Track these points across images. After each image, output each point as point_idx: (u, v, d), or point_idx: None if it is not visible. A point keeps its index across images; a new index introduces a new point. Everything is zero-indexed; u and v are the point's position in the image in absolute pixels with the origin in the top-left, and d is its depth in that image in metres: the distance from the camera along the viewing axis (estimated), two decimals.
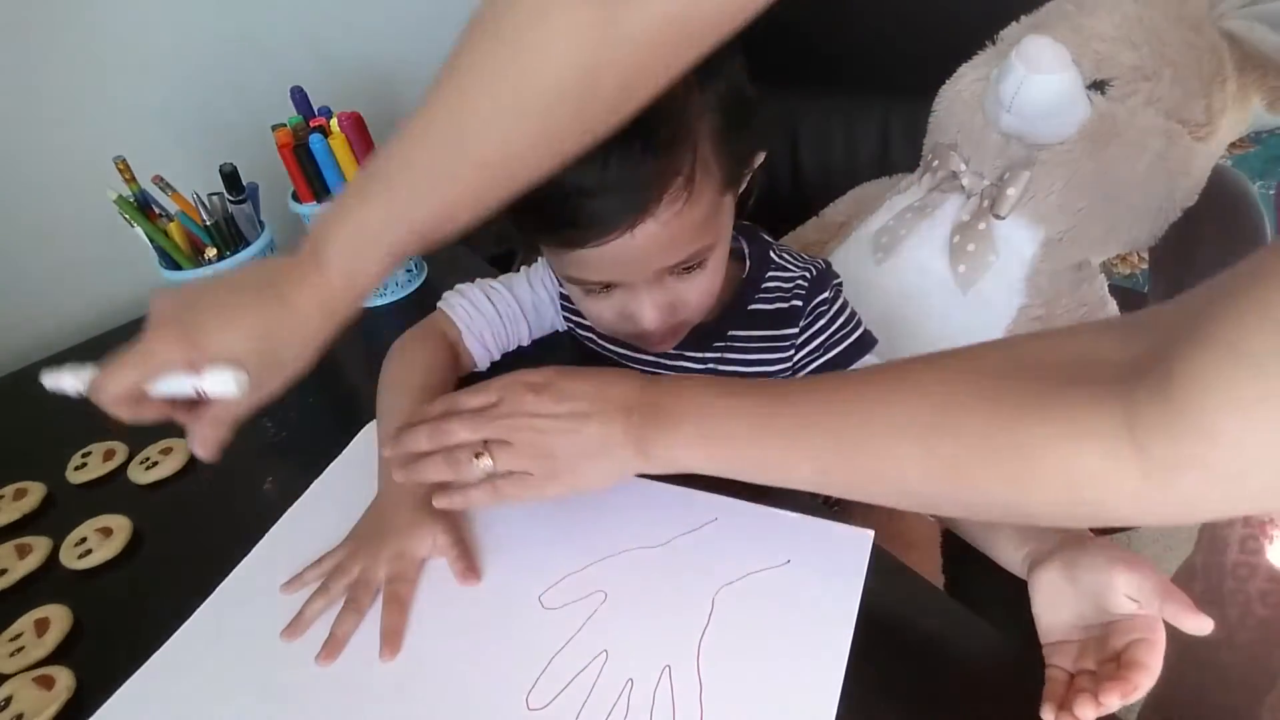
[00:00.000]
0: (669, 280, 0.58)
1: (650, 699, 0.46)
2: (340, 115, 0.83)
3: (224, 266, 0.76)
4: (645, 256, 0.55)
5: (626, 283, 0.58)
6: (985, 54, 0.98)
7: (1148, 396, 0.32)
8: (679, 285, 0.59)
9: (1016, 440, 0.37)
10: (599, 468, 0.51)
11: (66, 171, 0.90)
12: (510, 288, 0.75)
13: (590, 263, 0.55)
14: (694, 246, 0.56)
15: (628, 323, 0.61)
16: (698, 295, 0.61)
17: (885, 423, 0.42)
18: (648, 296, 0.58)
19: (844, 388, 0.46)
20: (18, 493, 0.69)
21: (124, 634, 0.56)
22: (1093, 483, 0.35)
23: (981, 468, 0.38)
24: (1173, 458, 0.32)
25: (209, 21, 0.97)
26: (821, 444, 0.44)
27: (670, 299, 0.59)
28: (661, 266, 0.56)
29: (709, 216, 0.56)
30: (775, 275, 0.69)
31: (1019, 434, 0.37)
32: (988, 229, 0.91)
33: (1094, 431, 0.34)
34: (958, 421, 0.39)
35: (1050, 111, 0.86)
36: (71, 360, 0.49)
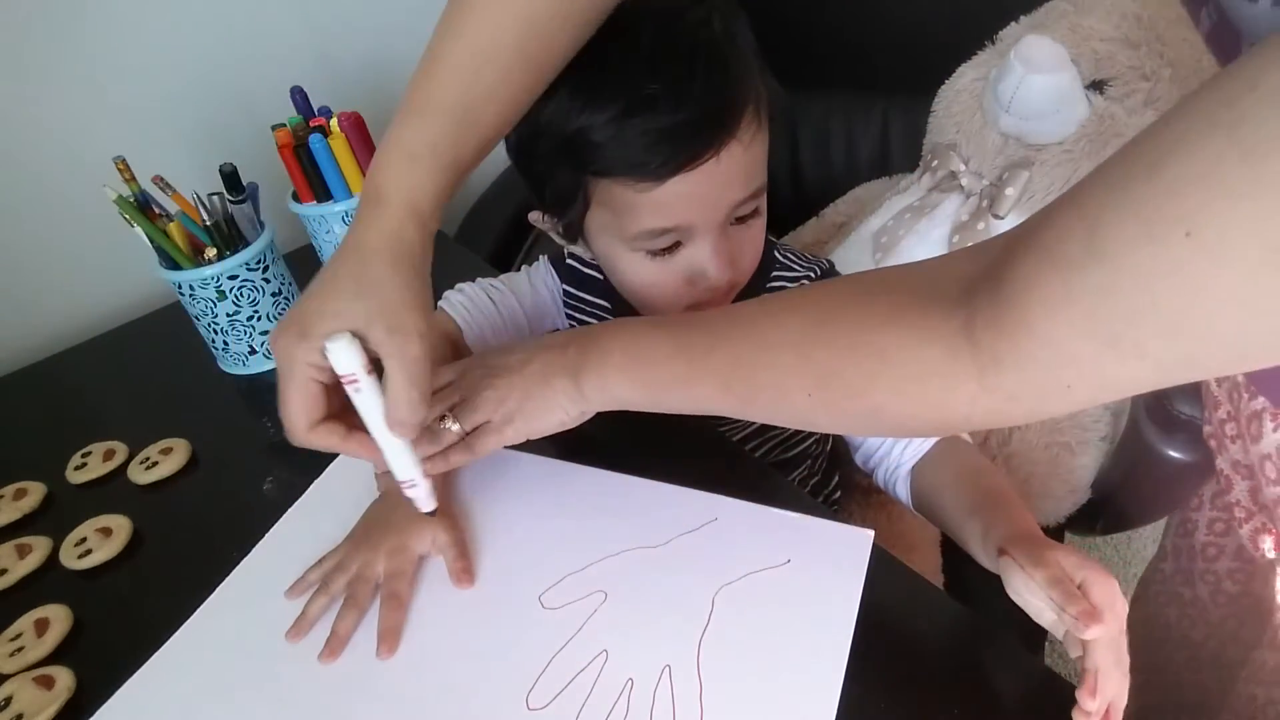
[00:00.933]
0: (731, 230, 0.60)
1: (650, 699, 0.46)
2: (340, 115, 0.83)
3: (223, 266, 0.75)
4: (725, 185, 0.57)
5: (698, 229, 0.58)
6: (985, 54, 0.98)
7: (984, 301, 0.35)
8: (739, 235, 0.61)
9: (877, 345, 0.40)
10: (544, 402, 0.53)
11: (66, 171, 0.90)
12: (511, 287, 0.75)
13: (666, 205, 0.56)
14: (759, 180, 0.59)
15: (691, 285, 0.61)
16: (753, 248, 0.63)
17: (772, 338, 0.45)
18: (714, 246, 0.59)
19: (745, 310, 0.49)
20: (18, 493, 0.69)
21: (124, 634, 0.56)
22: (938, 381, 0.38)
23: (849, 373, 0.42)
24: (1000, 352, 0.35)
25: (209, 22, 0.97)
26: (722, 360, 0.47)
27: (731, 252, 0.60)
28: (736, 200, 0.58)
29: (766, 151, 0.58)
30: (780, 275, 0.69)
31: (878, 339, 0.40)
32: (987, 229, 0.91)
33: (939, 332, 0.37)
34: (830, 332, 0.42)
35: (1049, 111, 0.86)
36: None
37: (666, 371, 0.50)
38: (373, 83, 1.07)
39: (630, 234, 0.59)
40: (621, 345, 0.52)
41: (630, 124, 0.54)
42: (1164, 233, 0.27)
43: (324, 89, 0.92)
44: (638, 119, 0.54)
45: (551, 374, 0.53)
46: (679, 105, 0.53)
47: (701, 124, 0.54)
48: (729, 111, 0.55)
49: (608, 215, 0.59)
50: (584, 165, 0.57)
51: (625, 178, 0.56)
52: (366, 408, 0.47)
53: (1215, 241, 0.26)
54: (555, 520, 0.58)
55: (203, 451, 0.73)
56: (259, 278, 0.79)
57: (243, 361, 0.82)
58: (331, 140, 0.81)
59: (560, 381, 0.52)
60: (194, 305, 0.78)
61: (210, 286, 0.76)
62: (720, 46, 0.55)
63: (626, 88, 0.54)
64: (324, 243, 0.87)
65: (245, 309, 0.79)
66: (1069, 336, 0.32)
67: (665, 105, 0.53)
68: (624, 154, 0.55)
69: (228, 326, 0.79)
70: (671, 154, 0.54)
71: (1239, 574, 0.68)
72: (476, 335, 0.72)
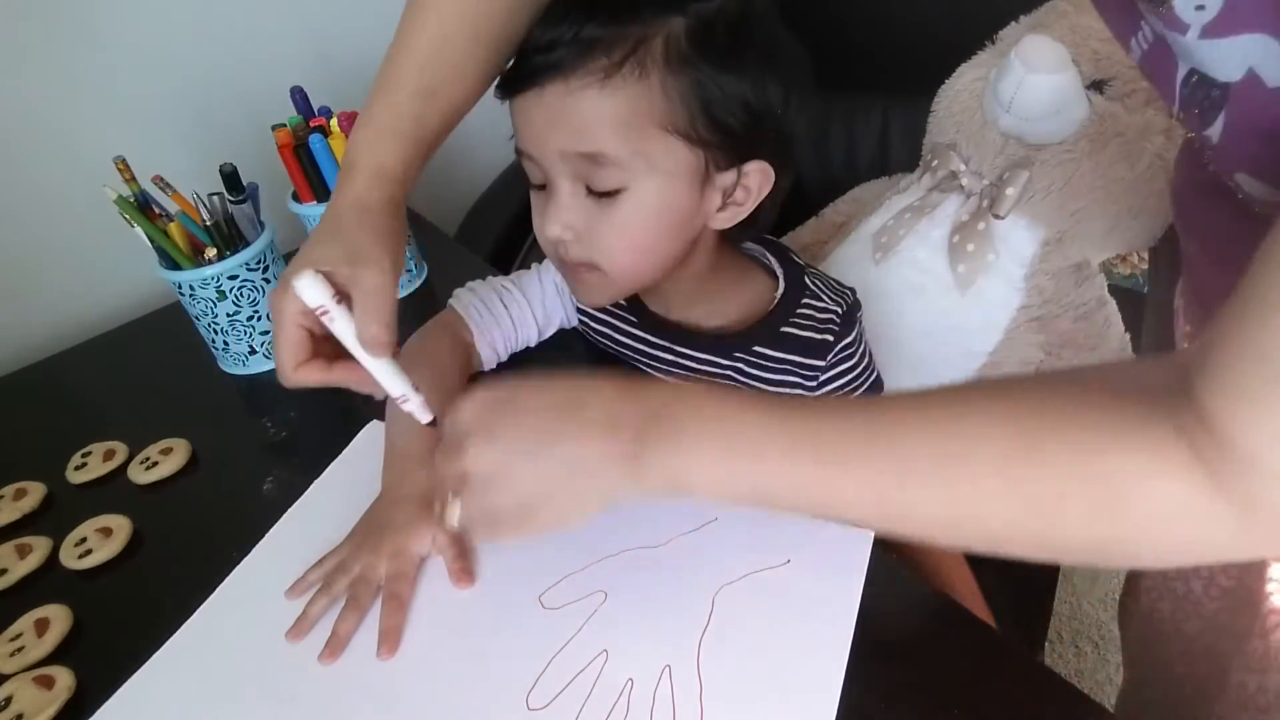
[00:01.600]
0: (586, 199, 0.57)
1: (650, 699, 0.46)
2: (340, 115, 0.83)
3: (223, 266, 0.76)
4: (547, 124, 0.55)
5: (546, 172, 0.57)
6: (985, 54, 0.98)
7: (1199, 431, 0.31)
8: (595, 208, 0.57)
9: (1106, 472, 0.33)
10: (579, 496, 0.44)
11: (66, 171, 0.90)
12: (521, 288, 0.74)
13: (519, 122, 0.57)
14: (600, 145, 0.54)
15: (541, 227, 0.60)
16: (610, 236, 0.57)
17: (959, 449, 0.37)
18: (557, 200, 0.57)
19: (901, 408, 0.40)
20: (18, 493, 0.69)
21: (124, 634, 0.56)
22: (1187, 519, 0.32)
23: (1069, 503, 0.34)
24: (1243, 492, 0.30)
25: (209, 22, 0.97)
26: (877, 470, 0.38)
27: (581, 223, 0.57)
28: (560, 148, 0.55)
29: (630, 126, 0.53)
30: (810, 303, 0.68)
31: (1109, 463, 0.33)
32: (987, 229, 0.91)
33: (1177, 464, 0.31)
34: (1044, 451, 0.35)
35: (1049, 111, 0.86)
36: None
37: (785, 469, 0.40)
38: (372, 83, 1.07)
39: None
40: (710, 429, 0.42)
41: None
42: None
43: (324, 89, 0.92)
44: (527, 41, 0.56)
45: (595, 467, 0.42)
46: (544, 27, 0.54)
47: (534, 55, 0.54)
48: (564, 49, 0.52)
49: None
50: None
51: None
52: (343, 334, 0.50)
53: None
54: None
55: (203, 451, 0.73)
56: (259, 278, 0.79)
57: (243, 361, 0.82)
58: (331, 140, 0.81)
59: (609, 477, 0.42)
60: (194, 305, 0.78)
61: (210, 286, 0.76)
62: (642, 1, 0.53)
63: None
64: None
65: (245, 309, 0.79)
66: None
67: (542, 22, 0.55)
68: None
69: (228, 326, 0.79)
70: (512, 69, 0.56)
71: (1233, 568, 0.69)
72: (487, 340, 0.72)
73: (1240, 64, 0.35)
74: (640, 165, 0.55)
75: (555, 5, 0.55)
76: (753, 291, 0.69)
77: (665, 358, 0.70)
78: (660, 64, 0.52)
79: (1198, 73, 0.39)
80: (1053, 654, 1.34)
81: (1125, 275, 1.35)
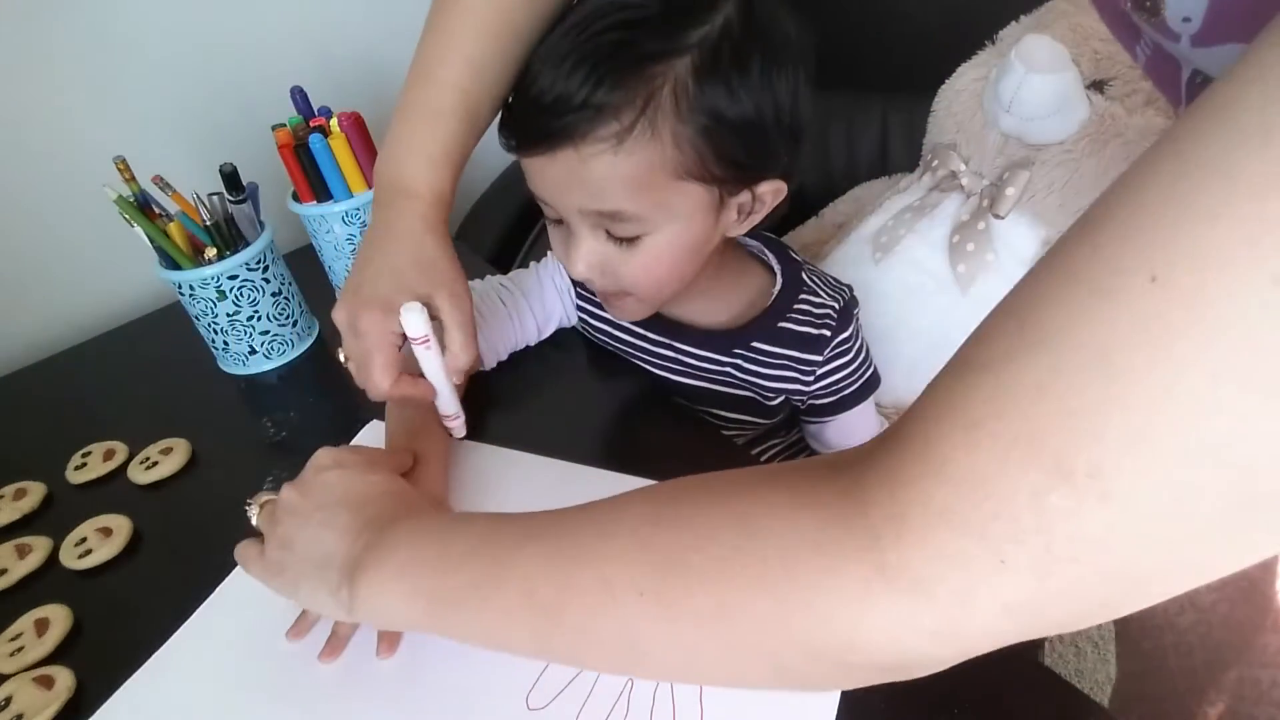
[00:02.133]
0: (608, 242, 0.58)
1: (650, 699, 0.46)
2: (340, 115, 0.83)
3: (223, 266, 0.75)
4: (562, 185, 0.55)
5: (562, 213, 0.58)
6: (985, 54, 0.98)
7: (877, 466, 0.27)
8: (616, 251, 0.58)
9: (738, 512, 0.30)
10: (312, 596, 0.46)
11: (66, 172, 0.90)
12: (521, 287, 0.75)
13: (530, 174, 0.57)
14: (619, 203, 0.54)
15: (567, 264, 0.62)
16: (635, 273, 0.59)
17: (605, 524, 0.35)
18: (579, 244, 0.58)
19: (569, 511, 0.38)
20: (18, 493, 0.69)
21: (124, 634, 0.56)
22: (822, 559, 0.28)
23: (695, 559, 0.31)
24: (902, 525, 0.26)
25: (209, 22, 0.97)
26: (531, 558, 0.36)
27: (604, 260, 0.59)
28: (579, 206, 0.56)
29: (646, 184, 0.53)
30: (807, 299, 0.69)
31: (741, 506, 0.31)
32: (987, 229, 0.91)
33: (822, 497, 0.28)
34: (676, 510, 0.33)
35: (1049, 111, 0.86)
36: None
37: (455, 579, 0.39)
38: (373, 83, 1.07)
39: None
40: (410, 541, 0.42)
41: (514, 89, 0.57)
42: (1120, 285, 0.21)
43: (324, 89, 0.92)
44: (518, 88, 0.57)
45: (323, 567, 0.45)
46: (532, 91, 0.54)
47: (541, 118, 0.53)
48: (574, 114, 0.51)
49: None
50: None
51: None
52: (430, 360, 0.58)
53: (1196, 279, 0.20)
54: None
55: (203, 451, 0.73)
56: (259, 278, 0.79)
57: (243, 361, 0.82)
58: (331, 140, 0.81)
59: (330, 579, 0.44)
60: (194, 305, 0.78)
61: (210, 286, 0.76)
62: (646, 61, 0.50)
63: (540, 53, 0.55)
64: (324, 243, 0.87)
65: (245, 309, 0.79)
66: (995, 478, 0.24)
67: (529, 83, 0.54)
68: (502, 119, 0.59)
69: (228, 326, 0.79)
70: (509, 140, 0.56)
71: None
72: (487, 340, 0.72)
73: None
74: (659, 215, 0.56)
75: (558, 48, 0.53)
76: (751, 288, 0.70)
77: (665, 354, 0.70)
78: (670, 117, 0.51)
79: (1201, 74, 0.39)
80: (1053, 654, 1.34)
81: None
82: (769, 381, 0.69)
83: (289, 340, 0.84)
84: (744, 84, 0.52)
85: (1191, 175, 0.21)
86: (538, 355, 0.76)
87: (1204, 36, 0.35)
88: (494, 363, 0.73)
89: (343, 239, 0.85)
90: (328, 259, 0.89)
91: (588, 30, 0.52)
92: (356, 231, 0.85)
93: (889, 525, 0.26)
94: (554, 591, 0.35)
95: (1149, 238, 0.21)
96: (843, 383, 0.70)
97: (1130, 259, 0.22)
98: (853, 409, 0.72)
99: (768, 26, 0.54)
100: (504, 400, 0.72)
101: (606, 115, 0.51)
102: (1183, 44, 0.37)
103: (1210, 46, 0.36)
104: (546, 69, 0.53)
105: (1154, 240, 0.21)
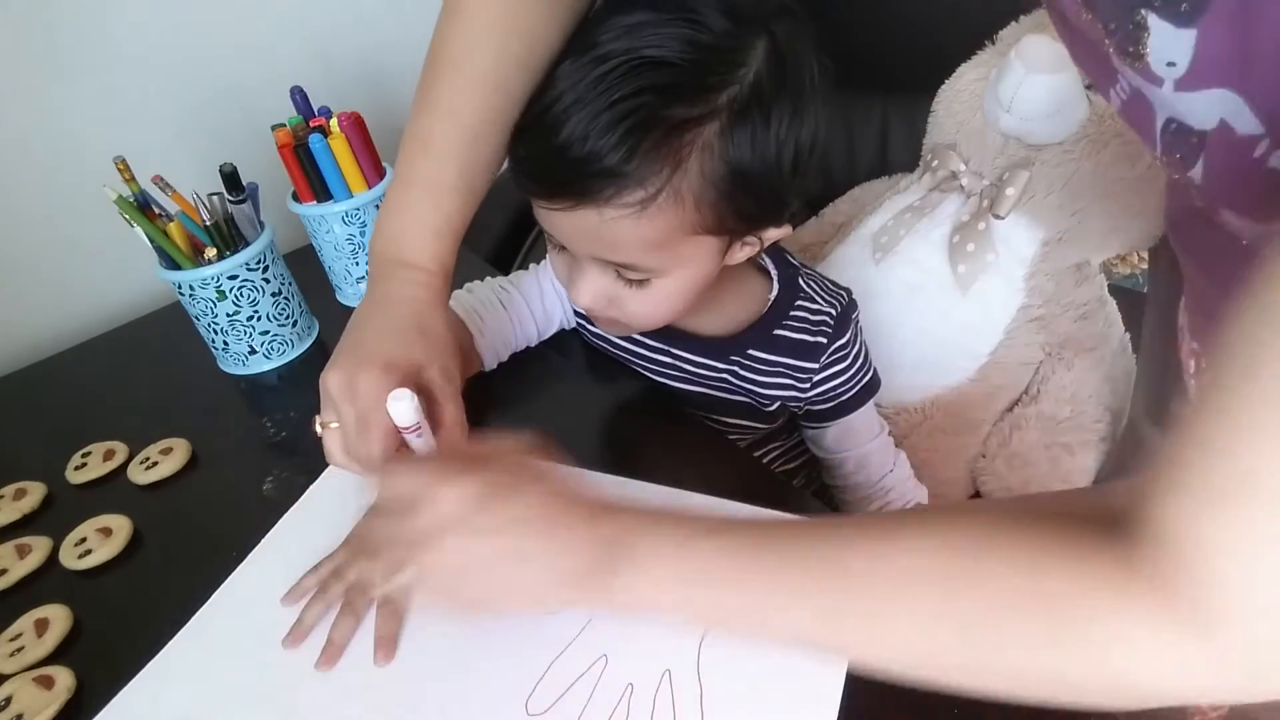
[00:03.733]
0: (616, 280, 0.58)
1: (651, 704, 0.46)
2: (340, 115, 0.83)
3: (223, 266, 0.75)
4: (578, 235, 0.55)
5: (572, 251, 0.58)
6: (985, 54, 0.98)
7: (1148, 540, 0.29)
8: (624, 289, 0.58)
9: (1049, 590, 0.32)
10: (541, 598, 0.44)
11: (66, 172, 0.90)
12: (520, 288, 0.74)
13: (543, 215, 0.56)
14: (635, 259, 0.55)
15: (571, 292, 0.61)
16: (640, 309, 0.60)
17: (896, 574, 0.36)
18: (587, 277, 0.58)
19: (841, 529, 0.40)
20: (18, 493, 0.69)
21: (124, 634, 0.56)
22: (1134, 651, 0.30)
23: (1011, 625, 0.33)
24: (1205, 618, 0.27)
25: (209, 22, 0.97)
26: (820, 596, 0.38)
27: (611, 294, 0.59)
28: (592, 254, 0.56)
29: (664, 245, 0.54)
30: (803, 305, 0.69)
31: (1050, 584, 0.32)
32: (987, 229, 0.91)
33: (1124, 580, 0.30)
34: (981, 574, 0.34)
35: (1049, 111, 0.86)
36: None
37: (734, 597, 0.40)
38: (373, 83, 1.07)
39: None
40: (665, 557, 0.42)
41: (525, 125, 0.55)
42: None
43: (324, 89, 0.92)
44: (526, 133, 0.55)
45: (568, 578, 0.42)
46: (553, 141, 0.50)
47: (563, 176, 0.51)
48: (596, 180, 0.50)
49: None
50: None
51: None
52: (421, 449, 0.53)
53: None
54: None
55: (203, 451, 0.73)
56: (259, 278, 0.79)
57: (243, 361, 0.82)
58: (331, 140, 0.81)
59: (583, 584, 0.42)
60: (194, 305, 0.78)
61: (210, 286, 0.76)
62: (655, 118, 0.49)
63: (557, 81, 0.52)
64: (324, 243, 0.87)
65: (245, 309, 0.79)
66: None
67: (557, 122, 0.50)
68: (513, 156, 0.57)
69: (228, 326, 0.79)
70: (526, 181, 0.55)
71: None
72: (487, 342, 0.72)
73: (1213, 115, 0.37)
74: (671, 264, 0.56)
75: (584, 96, 0.50)
76: (748, 294, 0.70)
77: (662, 360, 0.70)
78: (695, 182, 0.51)
79: (1176, 121, 0.40)
80: None
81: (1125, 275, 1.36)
82: (765, 389, 0.69)
83: (289, 340, 0.84)
84: (767, 138, 0.52)
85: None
86: (538, 356, 0.76)
87: (1188, 81, 0.36)
88: (494, 364, 0.73)
89: (342, 239, 0.85)
90: (328, 259, 0.89)
91: (617, 85, 0.49)
92: (356, 231, 0.85)
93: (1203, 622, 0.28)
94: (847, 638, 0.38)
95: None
96: (840, 389, 0.70)
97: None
98: (851, 414, 0.72)
99: (796, 74, 0.53)
100: (504, 401, 0.72)
101: (633, 184, 0.50)
102: (1165, 88, 0.37)
103: (1195, 91, 0.36)
104: (573, 116, 0.50)
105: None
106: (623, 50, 0.49)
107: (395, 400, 0.49)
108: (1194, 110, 0.38)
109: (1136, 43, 0.37)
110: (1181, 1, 0.33)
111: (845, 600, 0.37)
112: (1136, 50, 0.37)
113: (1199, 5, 0.33)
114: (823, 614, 0.38)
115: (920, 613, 0.35)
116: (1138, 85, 0.40)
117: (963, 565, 0.34)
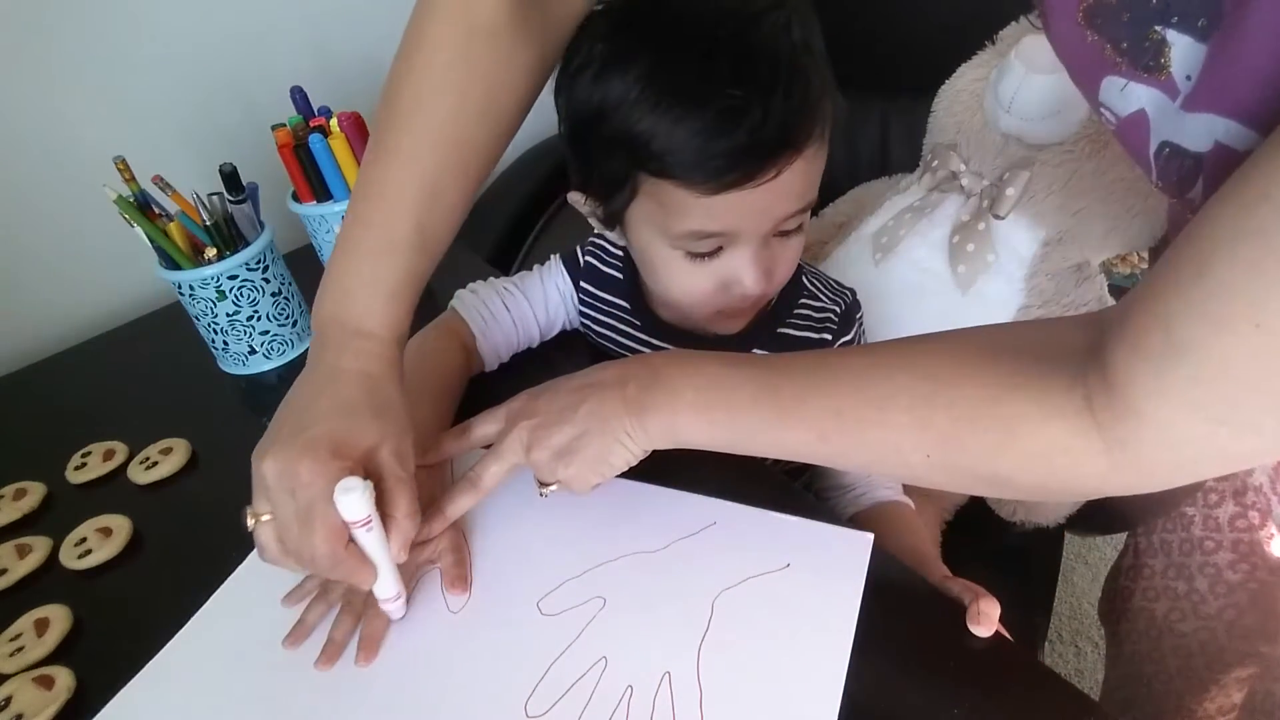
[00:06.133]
0: (772, 241, 0.59)
1: (650, 705, 0.46)
2: (340, 115, 0.83)
3: (223, 266, 0.75)
4: (778, 199, 0.55)
5: (742, 237, 0.57)
6: (985, 54, 0.98)
7: (1097, 384, 0.36)
8: (779, 247, 0.60)
9: (1001, 416, 0.40)
10: (605, 448, 0.51)
11: (66, 172, 0.90)
12: (523, 289, 0.74)
13: (717, 212, 0.54)
14: (811, 196, 0.58)
15: (724, 291, 0.61)
16: (789, 262, 0.62)
17: (882, 395, 0.45)
18: (754, 255, 0.58)
19: (842, 362, 0.49)
20: (18, 493, 0.69)
21: (124, 634, 0.56)
22: (1066, 458, 0.38)
23: (971, 442, 0.41)
24: (1122, 436, 0.36)
25: (209, 21, 0.97)
26: (819, 411, 0.46)
27: (768, 264, 0.60)
28: (787, 213, 0.57)
29: (823, 166, 0.58)
30: (807, 303, 0.69)
31: (1002, 410, 0.40)
32: (987, 229, 0.91)
33: (1063, 409, 0.38)
34: (948, 396, 0.42)
35: (1049, 111, 0.86)
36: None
37: (752, 416, 0.49)
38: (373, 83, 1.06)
39: (675, 233, 0.57)
40: (693, 385, 0.50)
41: (700, 134, 0.52)
42: (1233, 326, 0.30)
43: (324, 89, 0.92)
44: (708, 132, 0.52)
45: (610, 414, 0.51)
46: (751, 123, 0.51)
47: (772, 144, 0.52)
48: (801, 130, 0.53)
49: (654, 209, 0.57)
50: (642, 163, 0.54)
51: (682, 181, 0.54)
52: (372, 542, 0.48)
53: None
54: (553, 525, 0.58)
55: (203, 451, 0.73)
56: (259, 278, 0.79)
57: (243, 361, 0.82)
58: (331, 140, 0.81)
59: (623, 422, 0.51)
60: (194, 305, 0.78)
61: (210, 286, 0.76)
62: (800, 58, 0.53)
63: (699, 96, 0.51)
64: (324, 242, 0.87)
65: (245, 309, 0.79)
66: (1179, 422, 0.34)
67: (736, 121, 0.51)
68: (687, 161, 0.53)
69: (228, 326, 0.79)
70: (733, 169, 0.52)
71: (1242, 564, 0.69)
72: (489, 343, 0.71)
73: (1207, 137, 0.37)
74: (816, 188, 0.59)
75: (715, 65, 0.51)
76: None
77: None
78: (830, 89, 0.55)
79: (1169, 145, 0.40)
80: (1053, 654, 1.35)
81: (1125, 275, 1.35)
82: None
83: (289, 340, 0.84)
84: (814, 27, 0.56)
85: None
86: (540, 356, 0.76)
87: (1191, 101, 0.37)
88: (495, 365, 0.73)
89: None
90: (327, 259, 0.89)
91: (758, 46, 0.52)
92: None
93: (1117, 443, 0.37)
94: (846, 441, 0.46)
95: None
96: None
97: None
98: None
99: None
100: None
101: (819, 115, 0.54)
102: (1178, 102, 0.38)
103: (1195, 113, 0.37)
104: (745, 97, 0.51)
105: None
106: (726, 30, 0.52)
107: (344, 491, 0.45)
108: (1190, 131, 0.38)
109: (1158, 56, 0.38)
110: (1199, 17, 0.35)
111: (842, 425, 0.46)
112: (1158, 63, 0.38)
113: (1214, 21, 0.34)
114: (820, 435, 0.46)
115: (898, 432, 0.44)
116: (1137, 108, 0.41)
117: (930, 393, 0.43)
